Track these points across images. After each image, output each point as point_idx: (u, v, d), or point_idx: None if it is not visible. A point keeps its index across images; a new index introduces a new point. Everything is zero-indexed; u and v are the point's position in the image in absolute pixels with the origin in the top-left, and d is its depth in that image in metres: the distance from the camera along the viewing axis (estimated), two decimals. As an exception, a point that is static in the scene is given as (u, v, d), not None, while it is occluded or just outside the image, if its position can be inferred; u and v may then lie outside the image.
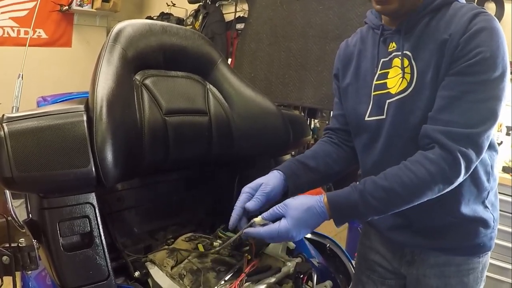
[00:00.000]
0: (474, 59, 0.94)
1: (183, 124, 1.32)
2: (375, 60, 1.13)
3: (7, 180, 0.96)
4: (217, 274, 1.29)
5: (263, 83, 3.24)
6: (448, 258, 1.14)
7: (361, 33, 1.23)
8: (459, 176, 0.96)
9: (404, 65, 1.05)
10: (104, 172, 1.04)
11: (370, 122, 1.12)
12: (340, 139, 1.30)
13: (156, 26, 1.35)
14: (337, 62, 1.28)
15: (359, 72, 1.18)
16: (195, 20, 4.23)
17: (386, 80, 1.10)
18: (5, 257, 0.99)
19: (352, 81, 1.19)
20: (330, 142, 1.31)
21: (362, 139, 1.18)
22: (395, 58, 1.08)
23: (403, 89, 1.05)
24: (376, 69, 1.12)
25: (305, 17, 3.03)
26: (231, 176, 1.65)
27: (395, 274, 1.25)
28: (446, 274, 1.15)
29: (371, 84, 1.13)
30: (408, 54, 1.05)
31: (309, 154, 1.25)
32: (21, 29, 4.50)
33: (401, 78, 1.05)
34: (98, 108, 1.05)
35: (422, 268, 1.17)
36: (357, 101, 1.17)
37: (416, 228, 1.14)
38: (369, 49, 1.16)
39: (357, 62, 1.19)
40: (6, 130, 0.96)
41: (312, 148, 1.30)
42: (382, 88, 1.10)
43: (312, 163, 1.21)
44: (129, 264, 1.25)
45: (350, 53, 1.23)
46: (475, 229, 1.11)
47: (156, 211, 1.52)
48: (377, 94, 1.11)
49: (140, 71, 1.29)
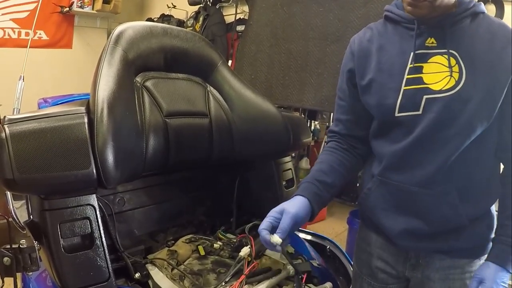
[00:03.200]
0: None
1: (183, 126, 1.32)
2: (406, 55, 1.10)
3: (8, 181, 0.96)
4: (218, 276, 1.30)
5: (263, 85, 3.24)
6: (453, 260, 1.14)
7: (377, 28, 1.19)
8: None
9: (452, 64, 1.05)
10: (105, 173, 1.04)
11: (403, 118, 1.09)
12: (349, 145, 1.25)
13: (157, 28, 1.36)
14: (349, 60, 1.21)
15: (383, 67, 1.13)
16: (196, 22, 4.24)
17: (421, 75, 1.08)
18: (6, 258, 1.00)
19: (375, 77, 1.14)
20: (340, 148, 1.25)
21: (392, 133, 1.14)
22: (436, 55, 1.07)
23: (450, 87, 1.04)
24: (408, 63, 1.09)
25: (306, 19, 3.03)
26: (231, 177, 1.65)
27: (398, 278, 1.24)
28: (451, 277, 1.14)
29: (399, 78, 1.09)
30: (454, 53, 1.05)
31: (325, 169, 1.20)
32: (22, 31, 4.50)
33: (449, 76, 1.05)
34: (99, 110, 1.05)
35: (427, 271, 1.17)
36: (383, 96, 1.13)
37: (429, 232, 1.12)
38: (395, 43, 1.13)
39: (378, 57, 1.15)
40: (8, 131, 0.96)
41: (324, 159, 1.24)
42: (417, 83, 1.08)
43: (329, 180, 1.18)
44: (129, 266, 1.25)
45: (367, 49, 1.18)
46: (481, 230, 1.12)
47: (156, 213, 1.52)
48: (411, 89, 1.08)
49: (141, 73, 1.30)
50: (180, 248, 1.40)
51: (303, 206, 1.11)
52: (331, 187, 1.18)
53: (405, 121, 1.09)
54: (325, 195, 1.16)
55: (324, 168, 1.21)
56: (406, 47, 1.10)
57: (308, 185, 1.16)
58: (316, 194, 1.14)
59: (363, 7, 2.77)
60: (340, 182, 1.20)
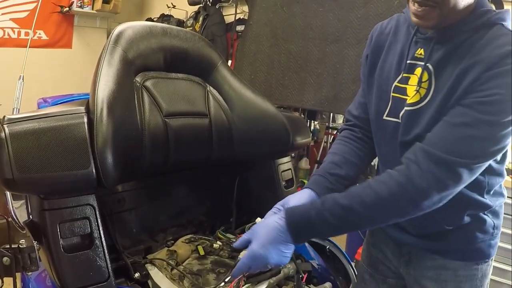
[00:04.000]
0: (488, 97, 0.89)
1: (183, 126, 1.32)
2: (403, 61, 1.07)
3: (7, 181, 0.96)
4: (217, 276, 1.30)
5: (263, 85, 3.25)
6: (445, 261, 1.13)
7: (397, 21, 1.15)
8: (427, 198, 0.92)
9: (423, 79, 1.01)
10: (104, 173, 1.04)
11: (389, 122, 1.10)
12: (363, 131, 1.24)
13: (157, 28, 1.36)
14: (367, 47, 1.20)
15: (385, 66, 1.12)
16: (195, 21, 4.24)
17: (406, 86, 1.06)
18: (5, 258, 1.00)
19: (378, 75, 1.14)
20: (354, 138, 1.24)
21: (380, 135, 1.15)
22: (418, 67, 1.03)
23: (414, 102, 1.03)
24: (402, 71, 1.06)
25: (305, 19, 3.04)
26: (231, 177, 1.65)
27: (396, 273, 1.25)
28: (443, 278, 1.13)
29: (392, 83, 1.08)
30: (430, 70, 1.00)
31: (338, 161, 1.19)
32: (21, 31, 4.51)
33: (415, 91, 1.02)
34: (99, 110, 1.05)
35: (419, 269, 1.17)
36: (379, 97, 1.13)
37: (415, 231, 1.13)
38: (400, 45, 1.10)
39: (385, 55, 1.13)
40: (7, 131, 0.96)
41: (337, 149, 1.23)
42: (401, 93, 1.06)
43: (342, 172, 1.17)
44: (129, 266, 1.25)
45: (383, 42, 1.15)
46: (472, 234, 1.10)
47: (156, 213, 1.52)
48: (396, 97, 1.08)
49: (141, 73, 1.29)
50: (179, 248, 1.40)
51: (310, 199, 1.10)
52: (345, 179, 1.17)
53: (390, 125, 1.09)
54: (337, 187, 1.15)
55: (337, 159, 1.20)
56: (404, 54, 1.07)
57: (319, 178, 1.16)
58: (327, 187, 1.14)
59: (363, 7, 2.78)
60: (355, 172, 1.20)
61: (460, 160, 0.91)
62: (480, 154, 0.93)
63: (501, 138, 0.92)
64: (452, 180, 0.92)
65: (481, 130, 0.91)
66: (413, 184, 0.92)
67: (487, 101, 0.89)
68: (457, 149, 0.92)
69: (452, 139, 0.92)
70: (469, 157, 0.92)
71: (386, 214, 0.96)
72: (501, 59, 0.89)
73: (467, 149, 0.92)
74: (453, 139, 0.92)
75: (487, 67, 0.90)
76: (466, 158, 0.92)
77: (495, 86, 0.89)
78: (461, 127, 0.92)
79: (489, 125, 0.90)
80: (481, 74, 0.90)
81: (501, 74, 0.89)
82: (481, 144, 0.92)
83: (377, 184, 0.96)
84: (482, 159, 0.93)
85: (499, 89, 0.88)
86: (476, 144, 0.92)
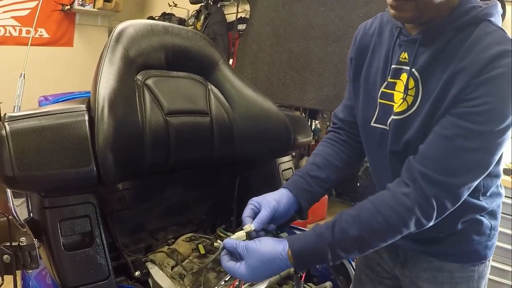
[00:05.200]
0: (479, 107, 0.85)
1: (184, 125, 1.32)
2: (387, 66, 1.02)
3: (8, 179, 0.96)
4: (217, 275, 1.30)
5: (264, 84, 3.25)
6: (441, 263, 1.12)
7: (381, 21, 1.10)
8: (430, 220, 0.93)
9: (409, 86, 0.97)
10: (105, 171, 1.04)
11: (376, 129, 1.07)
12: (349, 134, 1.22)
13: (158, 27, 1.36)
14: (352, 49, 1.16)
15: (371, 71, 1.08)
16: (197, 20, 4.24)
17: (393, 92, 1.02)
18: (6, 256, 1.00)
19: (364, 80, 1.10)
20: (339, 140, 1.22)
21: (368, 141, 1.13)
22: (404, 72, 0.98)
23: (402, 111, 0.99)
24: (388, 76, 1.02)
25: (307, 19, 3.04)
26: (232, 176, 1.65)
27: (392, 274, 1.24)
28: (439, 280, 1.12)
29: (378, 89, 1.05)
30: (416, 76, 0.96)
31: (319, 162, 1.17)
32: (23, 28, 4.51)
33: (402, 99, 0.98)
34: (100, 108, 1.05)
35: (415, 271, 1.16)
36: (365, 103, 1.10)
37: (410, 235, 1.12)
38: (384, 48, 1.05)
39: (370, 58, 1.09)
40: (8, 129, 0.96)
41: (320, 151, 1.21)
42: (388, 99, 1.03)
43: (322, 174, 1.15)
44: (129, 264, 1.25)
45: (367, 43, 1.11)
46: (468, 237, 1.09)
47: (157, 211, 1.52)
48: (383, 103, 1.04)
49: (142, 71, 1.29)
50: (180, 247, 1.40)
51: (285, 199, 1.08)
52: (324, 181, 1.15)
53: (377, 132, 1.07)
54: (316, 190, 1.13)
55: (319, 161, 1.18)
56: (389, 58, 1.02)
57: (298, 179, 1.14)
58: (305, 189, 1.12)
59: (364, 6, 2.78)
60: (336, 175, 1.18)
61: (455, 180, 0.90)
62: (475, 167, 0.91)
63: (497, 147, 0.89)
64: (450, 201, 0.92)
65: (472, 140, 0.88)
66: (421, 209, 0.91)
67: (478, 111, 0.85)
68: (450, 166, 0.90)
69: (448, 156, 0.90)
70: (464, 173, 0.90)
71: (395, 237, 0.96)
72: (489, 63, 0.84)
73: (460, 164, 0.90)
74: (449, 156, 0.90)
75: (474, 74, 0.85)
76: (461, 175, 0.90)
77: (485, 93, 0.84)
78: (454, 140, 0.89)
79: (483, 135, 0.87)
80: (469, 81, 0.85)
81: (489, 81, 0.84)
82: (474, 155, 0.89)
83: (385, 209, 0.93)
84: (478, 172, 0.91)
85: (489, 96, 0.84)
86: (469, 156, 0.89)
